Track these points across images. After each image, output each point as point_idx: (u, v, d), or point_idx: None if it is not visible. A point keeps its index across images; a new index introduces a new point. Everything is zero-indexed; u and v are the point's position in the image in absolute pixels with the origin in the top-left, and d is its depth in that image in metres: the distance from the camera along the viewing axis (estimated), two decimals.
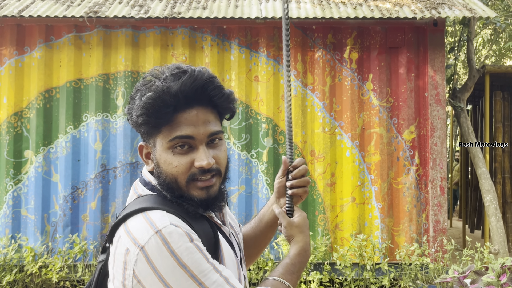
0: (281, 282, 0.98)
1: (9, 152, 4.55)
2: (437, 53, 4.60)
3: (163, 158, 0.91)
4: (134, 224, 0.84)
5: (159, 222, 0.83)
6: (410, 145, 4.58)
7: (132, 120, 0.93)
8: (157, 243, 0.80)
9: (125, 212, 0.88)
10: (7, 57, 4.61)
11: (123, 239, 0.83)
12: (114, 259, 0.85)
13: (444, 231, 4.48)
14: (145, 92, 0.89)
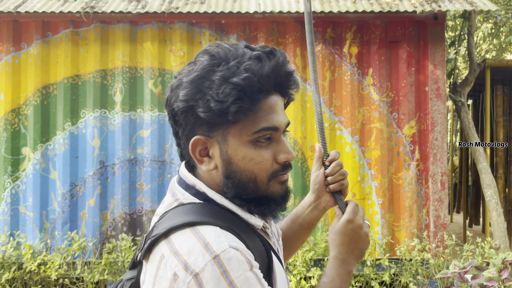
0: None
1: (6, 149, 4.52)
2: (438, 47, 4.56)
3: (241, 153, 0.77)
4: (182, 242, 0.70)
5: (216, 245, 0.69)
6: (411, 140, 4.54)
7: (201, 104, 0.75)
8: (214, 271, 0.67)
9: (167, 224, 0.73)
10: (3, 53, 4.57)
11: (169, 260, 0.69)
12: (154, 281, 0.71)
13: (444, 227, 4.45)
14: (235, 70, 0.74)
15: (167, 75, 4.59)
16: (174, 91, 0.80)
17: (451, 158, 9.29)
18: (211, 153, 0.79)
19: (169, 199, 0.82)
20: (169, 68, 4.59)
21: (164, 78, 4.59)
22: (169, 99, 0.82)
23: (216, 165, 0.80)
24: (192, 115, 0.77)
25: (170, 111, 0.81)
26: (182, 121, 0.79)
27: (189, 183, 0.82)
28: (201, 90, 0.75)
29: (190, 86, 0.76)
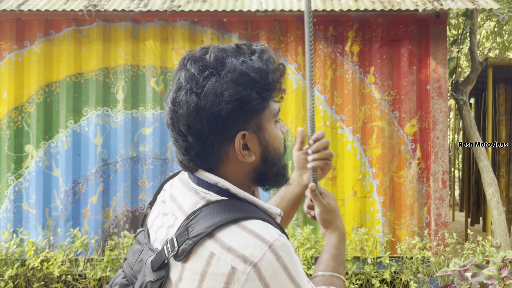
0: (338, 278, 0.94)
1: (10, 147, 4.55)
2: (440, 46, 4.55)
3: (273, 134, 0.86)
4: (233, 238, 0.73)
5: (267, 235, 0.74)
6: (412, 139, 4.55)
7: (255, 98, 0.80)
8: (270, 259, 0.72)
9: (208, 223, 0.75)
10: (7, 51, 4.60)
11: (223, 257, 0.72)
12: (202, 278, 0.73)
13: (445, 225, 4.46)
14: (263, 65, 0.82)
15: (169, 73, 4.61)
16: (206, 96, 0.78)
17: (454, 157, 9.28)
18: (249, 145, 0.83)
19: (193, 199, 0.82)
20: (171, 66, 4.61)
21: (166, 76, 4.60)
22: (204, 106, 0.78)
23: (254, 153, 0.84)
24: (236, 113, 0.79)
25: (206, 118, 0.78)
26: (223, 121, 0.79)
27: (211, 182, 0.83)
28: (246, 85, 0.79)
29: (233, 85, 0.78)
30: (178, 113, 0.80)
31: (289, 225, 4.43)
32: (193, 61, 0.81)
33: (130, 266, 0.87)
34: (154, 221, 0.90)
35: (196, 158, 0.83)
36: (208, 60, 0.80)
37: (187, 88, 0.79)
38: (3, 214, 4.52)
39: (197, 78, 0.79)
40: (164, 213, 0.87)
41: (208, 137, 0.80)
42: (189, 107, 0.78)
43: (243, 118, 0.81)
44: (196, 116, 0.78)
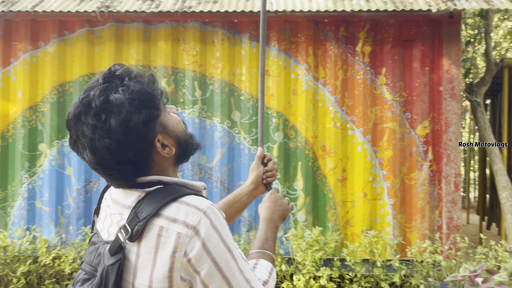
0: (265, 253, 1.15)
1: (24, 146, 4.64)
2: (453, 46, 4.48)
3: (174, 123, 1.02)
4: (176, 212, 0.90)
5: (201, 205, 0.92)
6: (424, 141, 4.49)
7: (155, 112, 0.95)
8: (205, 222, 0.90)
9: (152, 207, 0.90)
10: (22, 51, 4.69)
11: (170, 227, 0.88)
12: (155, 250, 0.88)
13: (458, 228, 4.39)
14: (152, 89, 0.98)
15: (180, 74, 4.64)
16: (124, 115, 0.90)
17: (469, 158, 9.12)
18: (166, 143, 0.99)
19: (134, 194, 0.96)
20: (182, 67, 4.64)
21: (177, 76, 4.63)
22: (119, 142, 0.90)
23: (171, 145, 1.00)
24: (144, 131, 0.93)
25: (126, 149, 0.91)
26: (140, 135, 0.93)
27: (145, 182, 0.97)
28: (139, 109, 0.92)
29: (130, 115, 0.90)
30: (103, 157, 0.91)
31: (298, 226, 4.41)
32: (85, 114, 0.90)
33: (89, 264, 0.98)
34: (104, 223, 1.02)
35: (132, 176, 0.96)
36: (96, 107, 0.89)
37: (96, 137, 0.89)
38: (17, 212, 4.61)
39: (99, 125, 0.89)
40: (111, 214, 1.00)
41: (136, 159, 0.94)
42: (110, 150, 0.90)
43: (150, 129, 0.94)
44: (118, 152, 0.91)
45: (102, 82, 0.93)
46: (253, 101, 4.57)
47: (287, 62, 4.58)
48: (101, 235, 1.00)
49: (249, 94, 4.56)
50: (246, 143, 4.56)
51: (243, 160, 4.55)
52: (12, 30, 4.71)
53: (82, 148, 0.92)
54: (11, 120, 4.68)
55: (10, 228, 4.59)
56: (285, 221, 1.43)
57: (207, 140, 4.60)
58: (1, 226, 4.61)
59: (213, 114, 4.59)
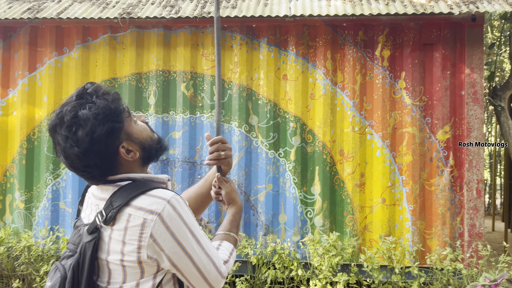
0: (229, 235, 1.29)
1: (49, 148, 4.78)
2: (475, 50, 4.39)
3: (139, 130, 1.19)
4: (142, 202, 1.08)
5: (165, 195, 1.09)
6: (444, 146, 4.41)
7: (117, 119, 1.12)
8: (169, 209, 1.07)
9: (123, 198, 1.09)
10: (47, 57, 4.84)
11: (137, 214, 1.06)
12: (124, 233, 1.07)
13: (480, 236, 4.28)
14: (105, 92, 1.14)
15: (199, 79, 4.70)
16: (89, 128, 1.08)
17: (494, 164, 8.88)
18: (130, 149, 1.17)
19: (109, 189, 1.15)
20: (201, 72, 4.70)
21: (196, 81, 4.70)
22: (83, 137, 1.07)
23: (136, 150, 1.18)
24: (108, 140, 1.10)
25: (89, 145, 1.08)
26: (105, 144, 1.10)
27: (116, 179, 1.16)
28: (103, 122, 1.09)
29: (95, 127, 1.08)
30: (73, 162, 1.11)
31: (315, 231, 4.40)
32: (59, 126, 1.09)
33: (73, 243, 1.16)
34: (85, 212, 1.22)
35: (101, 177, 1.15)
36: (67, 121, 1.08)
37: (68, 145, 1.08)
38: (42, 212, 4.75)
39: (70, 136, 1.08)
40: (92, 204, 1.19)
41: (102, 163, 1.12)
42: (78, 157, 1.09)
43: (115, 138, 1.12)
44: (85, 158, 1.09)
45: (75, 99, 1.11)
46: (270, 106, 4.58)
47: (305, 66, 4.58)
48: (83, 220, 1.20)
49: (266, 99, 4.58)
50: (263, 147, 4.57)
51: (260, 164, 4.57)
52: (38, 36, 4.87)
53: (59, 153, 1.12)
54: (36, 123, 4.83)
55: (34, 228, 4.74)
56: None
57: None
58: (26, 226, 4.76)
59: (231, 118, 4.63)
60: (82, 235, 1.13)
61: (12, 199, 4.81)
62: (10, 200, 4.82)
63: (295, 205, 4.50)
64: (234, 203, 1.38)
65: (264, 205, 4.54)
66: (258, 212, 4.54)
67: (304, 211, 4.51)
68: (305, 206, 4.51)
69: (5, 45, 4.91)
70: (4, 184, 4.84)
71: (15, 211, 4.79)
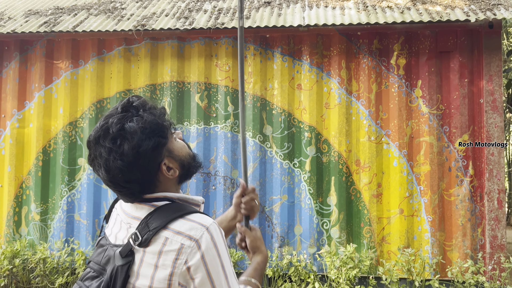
0: (251, 281, 1.25)
1: (64, 160, 4.81)
2: (494, 57, 4.31)
3: (179, 148, 1.17)
4: (181, 226, 1.04)
5: (205, 221, 1.06)
6: (463, 155, 4.31)
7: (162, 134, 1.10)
8: (207, 237, 1.04)
9: (161, 220, 1.05)
10: (63, 70, 4.90)
11: (174, 239, 1.02)
12: (158, 256, 1.02)
13: (502, 248, 4.16)
14: (151, 106, 1.13)
15: (213, 89, 4.69)
16: (135, 143, 1.05)
17: None
18: (171, 166, 1.14)
19: (144, 208, 1.11)
20: (215, 82, 4.69)
21: (210, 92, 4.69)
22: (129, 151, 1.04)
23: (176, 168, 1.15)
24: (152, 155, 1.08)
25: (134, 160, 1.05)
26: (149, 159, 1.07)
27: (152, 198, 1.12)
28: (149, 136, 1.07)
29: (141, 141, 1.05)
30: (115, 176, 1.05)
31: (332, 242, 4.32)
32: (103, 138, 1.05)
33: (97, 263, 1.10)
34: (112, 229, 1.16)
35: (139, 193, 1.11)
36: (113, 133, 1.04)
37: (111, 158, 1.04)
38: (57, 224, 4.76)
39: (114, 149, 1.04)
40: (122, 222, 1.14)
41: (143, 179, 1.08)
42: (121, 170, 1.04)
43: (158, 154, 1.10)
44: (128, 172, 1.05)
45: (120, 111, 1.08)
46: (285, 115, 4.55)
47: (319, 76, 4.54)
48: (109, 239, 1.14)
49: (281, 109, 4.55)
50: (278, 157, 4.53)
51: (275, 174, 4.52)
52: (54, 49, 4.93)
53: (98, 166, 1.07)
54: (52, 135, 4.87)
55: (49, 240, 4.75)
56: None
57: (239, 155, 4.61)
58: (42, 238, 4.77)
59: (245, 128, 4.60)
60: (113, 257, 1.07)
61: (28, 211, 4.84)
62: (26, 212, 4.85)
63: (310, 216, 4.44)
64: (259, 252, 1.35)
65: (279, 216, 4.48)
66: (273, 224, 4.48)
67: (320, 222, 4.43)
68: (321, 217, 4.44)
69: (22, 58, 4.98)
70: (20, 196, 4.87)
71: (30, 223, 4.81)
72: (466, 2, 4.52)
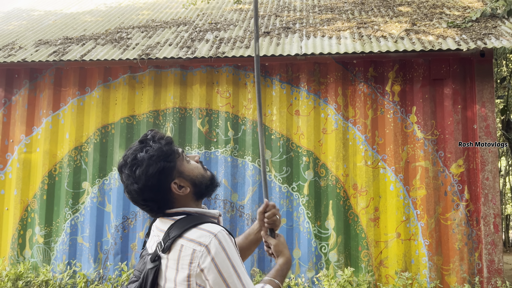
0: (274, 281, 1.38)
1: (68, 184, 4.94)
2: (486, 84, 4.44)
3: (191, 169, 1.34)
4: (193, 235, 1.21)
5: (213, 229, 1.21)
6: (459, 180, 4.39)
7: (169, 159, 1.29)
8: (215, 242, 1.19)
9: (177, 230, 1.24)
10: (70, 96, 5.09)
11: (187, 245, 1.20)
12: (177, 261, 1.20)
13: (499, 272, 4.18)
14: (161, 137, 1.33)
15: (214, 115, 4.85)
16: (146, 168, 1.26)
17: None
18: (182, 185, 1.32)
19: (167, 222, 1.30)
20: (215, 109, 4.85)
21: (211, 117, 4.85)
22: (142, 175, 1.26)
23: (187, 186, 1.33)
24: (161, 177, 1.28)
25: (147, 183, 1.26)
26: (159, 181, 1.28)
27: (172, 212, 1.32)
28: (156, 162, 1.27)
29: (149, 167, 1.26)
30: (134, 197, 1.28)
31: (330, 266, 4.36)
32: (124, 166, 1.29)
33: (137, 270, 1.32)
34: (149, 243, 1.38)
35: (158, 209, 1.32)
36: (129, 162, 1.28)
37: (129, 182, 1.28)
38: (60, 247, 4.85)
39: (131, 175, 1.27)
40: (154, 236, 1.35)
41: (157, 197, 1.29)
42: (137, 192, 1.27)
43: (167, 175, 1.29)
44: (142, 193, 1.27)
45: (137, 144, 1.32)
46: (283, 140, 4.68)
47: (317, 102, 4.69)
48: (148, 250, 1.36)
49: (279, 134, 4.68)
50: (276, 181, 4.63)
51: (274, 198, 4.61)
52: (62, 77, 5.14)
53: (124, 190, 1.31)
54: (58, 159, 5.02)
55: (52, 263, 4.83)
56: None
57: (239, 178, 4.72)
58: (45, 261, 4.85)
59: (245, 153, 4.73)
60: (146, 262, 1.28)
61: (32, 233, 4.94)
62: (30, 234, 4.95)
63: (309, 239, 4.50)
64: (282, 255, 1.49)
65: None
66: None
67: (318, 246, 4.49)
68: (319, 240, 4.50)
69: (31, 85, 5.19)
70: (25, 219, 4.98)
71: (34, 246, 4.90)
72: (458, 32, 4.69)
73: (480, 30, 4.64)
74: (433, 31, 4.77)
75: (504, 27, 4.70)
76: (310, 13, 6.01)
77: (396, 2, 6.19)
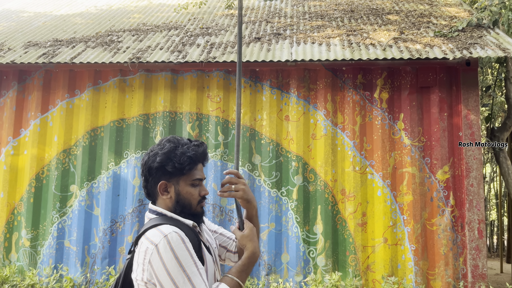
0: (233, 279, 1.38)
1: (56, 187, 4.90)
2: (471, 93, 4.54)
3: (188, 191, 1.44)
4: (150, 233, 1.34)
5: (165, 230, 1.32)
6: (444, 186, 4.47)
7: (170, 165, 1.41)
8: (164, 243, 1.29)
9: (143, 228, 1.40)
10: (59, 99, 5.06)
11: (144, 243, 1.33)
12: (138, 256, 1.34)
13: (483, 277, 4.26)
14: (187, 150, 1.42)
15: (204, 119, 4.87)
16: (152, 157, 1.44)
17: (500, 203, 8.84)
18: (169, 190, 1.45)
19: (147, 218, 1.47)
20: (206, 113, 4.87)
21: (201, 122, 4.86)
22: (148, 161, 1.46)
23: (171, 196, 1.45)
24: (161, 170, 1.43)
25: (147, 168, 1.45)
26: (154, 174, 1.44)
27: (153, 209, 1.47)
28: (170, 158, 1.42)
29: (163, 155, 1.42)
30: (140, 171, 1.55)
31: (318, 270, 4.40)
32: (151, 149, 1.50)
33: None
34: None
35: (147, 196, 1.50)
36: (150, 148, 1.50)
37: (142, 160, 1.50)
38: (46, 250, 4.80)
39: (144, 160, 1.47)
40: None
41: (146, 185, 1.48)
42: (143, 172, 1.48)
43: (166, 175, 1.43)
44: (143, 177, 1.47)
45: (157, 144, 1.48)
46: (273, 145, 4.71)
47: (306, 108, 4.74)
48: None
49: (269, 139, 4.72)
50: (266, 186, 4.66)
51: (263, 202, 4.64)
52: (52, 79, 5.11)
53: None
54: (46, 162, 4.98)
55: (39, 267, 4.78)
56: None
57: None
58: (31, 264, 4.80)
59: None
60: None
61: (18, 237, 4.88)
62: (16, 238, 4.90)
63: (297, 244, 4.53)
64: (245, 250, 1.46)
65: (267, 244, 4.57)
66: (261, 252, 4.57)
67: (306, 250, 4.53)
68: (307, 245, 4.54)
69: (20, 87, 5.15)
70: (11, 222, 4.93)
71: (20, 249, 4.85)
72: (445, 41, 4.79)
73: (466, 40, 4.75)
74: (420, 40, 4.87)
75: (489, 37, 4.82)
76: (300, 20, 6.08)
77: (385, 11, 6.30)
